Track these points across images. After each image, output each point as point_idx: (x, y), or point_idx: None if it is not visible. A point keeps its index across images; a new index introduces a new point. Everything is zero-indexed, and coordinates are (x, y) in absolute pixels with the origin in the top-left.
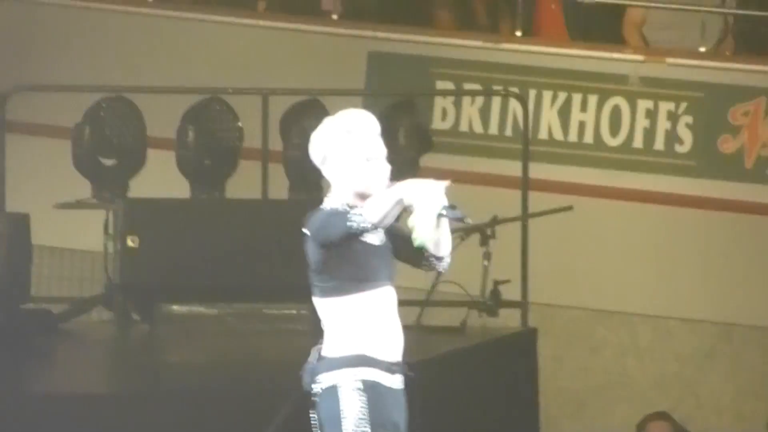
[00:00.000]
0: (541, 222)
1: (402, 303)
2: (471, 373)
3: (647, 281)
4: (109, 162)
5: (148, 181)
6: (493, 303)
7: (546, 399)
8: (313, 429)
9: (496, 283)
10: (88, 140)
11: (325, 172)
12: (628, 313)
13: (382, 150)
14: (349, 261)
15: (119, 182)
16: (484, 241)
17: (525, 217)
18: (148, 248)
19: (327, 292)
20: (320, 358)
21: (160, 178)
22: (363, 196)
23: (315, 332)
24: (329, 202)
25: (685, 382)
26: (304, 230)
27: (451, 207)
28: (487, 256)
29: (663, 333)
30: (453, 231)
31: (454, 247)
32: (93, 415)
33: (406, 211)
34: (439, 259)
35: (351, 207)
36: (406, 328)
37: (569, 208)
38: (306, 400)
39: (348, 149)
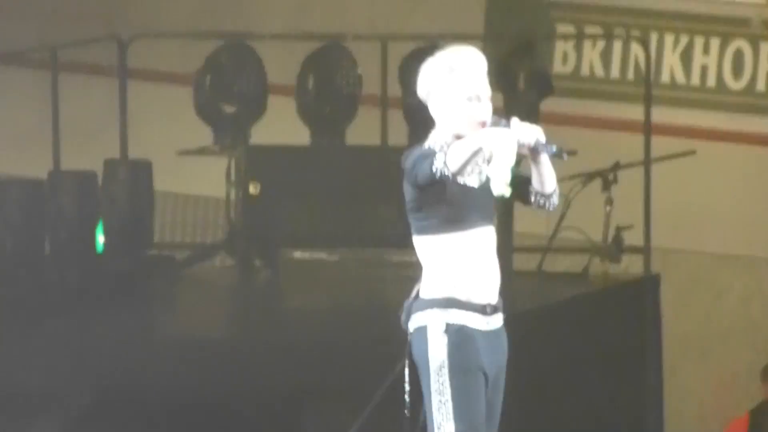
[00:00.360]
0: (663, 167)
1: (523, 249)
2: (593, 319)
3: None
4: (229, 109)
5: (269, 127)
6: (615, 249)
7: (669, 345)
8: (408, 367)
9: (619, 228)
10: (209, 87)
11: (431, 107)
12: (752, 257)
13: (486, 90)
14: (443, 201)
15: (240, 129)
16: (606, 187)
17: (647, 161)
18: (269, 195)
19: (422, 231)
20: (416, 297)
21: (281, 125)
22: (461, 137)
23: None
24: (430, 140)
25: None
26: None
27: (548, 143)
28: (609, 201)
29: None
30: (575, 177)
31: (576, 193)
32: (214, 361)
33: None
34: (546, 196)
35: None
36: (528, 274)
37: (692, 152)
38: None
39: (449, 88)
